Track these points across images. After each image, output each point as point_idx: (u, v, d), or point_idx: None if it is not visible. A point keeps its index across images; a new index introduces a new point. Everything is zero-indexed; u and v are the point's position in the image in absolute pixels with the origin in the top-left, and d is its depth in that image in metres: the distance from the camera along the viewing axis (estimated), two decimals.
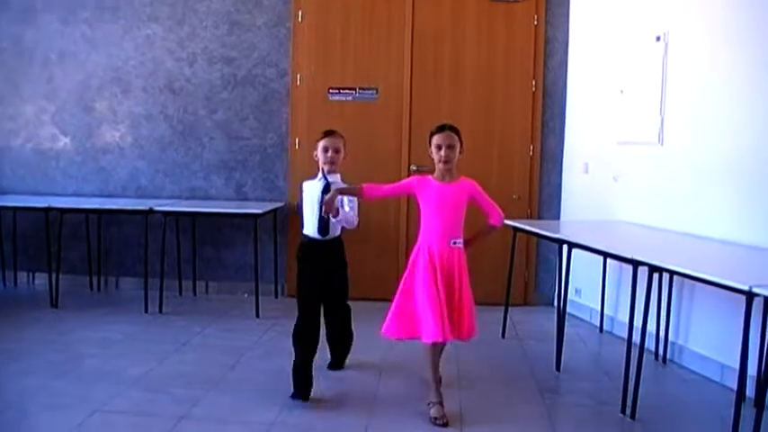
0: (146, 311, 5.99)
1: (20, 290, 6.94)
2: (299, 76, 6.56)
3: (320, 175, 4.31)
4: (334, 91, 6.52)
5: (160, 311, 6.02)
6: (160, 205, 6.20)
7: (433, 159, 4.03)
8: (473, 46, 6.46)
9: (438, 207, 3.97)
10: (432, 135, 4.04)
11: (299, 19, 6.54)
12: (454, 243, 3.97)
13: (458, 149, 4.00)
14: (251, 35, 6.63)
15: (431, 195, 3.98)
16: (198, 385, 4.29)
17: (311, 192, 4.33)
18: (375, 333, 4.15)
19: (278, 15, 6.58)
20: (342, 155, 4.34)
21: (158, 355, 4.87)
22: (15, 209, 6.56)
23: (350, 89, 6.53)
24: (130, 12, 6.74)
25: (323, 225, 4.25)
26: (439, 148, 3.98)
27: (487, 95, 6.46)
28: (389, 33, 6.49)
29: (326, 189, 4.14)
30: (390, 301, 4.04)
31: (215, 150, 6.75)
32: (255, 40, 6.63)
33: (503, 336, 5.53)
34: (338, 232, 4.37)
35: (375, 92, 6.51)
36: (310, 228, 4.31)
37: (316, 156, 4.33)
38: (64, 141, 6.91)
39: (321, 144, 4.30)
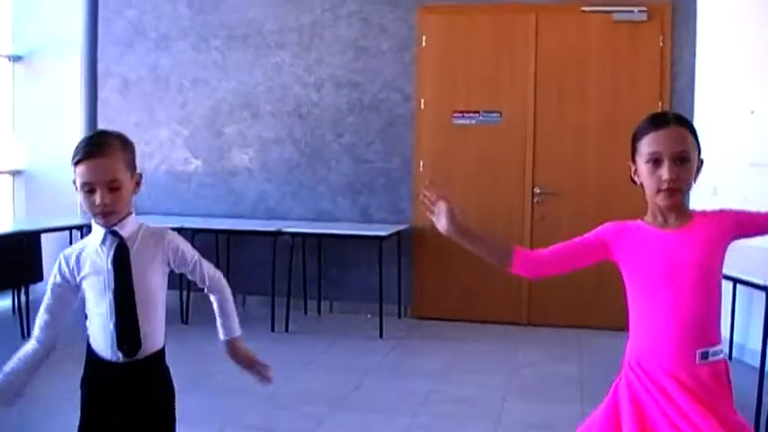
0: (272, 330, 6.16)
1: None
2: (423, 101, 6.64)
3: (98, 229, 2.25)
4: (458, 115, 6.58)
5: (286, 330, 6.19)
6: (288, 227, 6.39)
7: (644, 189, 2.13)
8: (597, 67, 6.40)
9: (667, 279, 2.05)
10: (637, 136, 2.10)
11: (423, 44, 6.64)
12: (706, 357, 2.03)
13: (695, 165, 2.07)
14: (376, 61, 6.76)
15: (650, 257, 2.08)
16: (323, 403, 4.41)
17: (93, 263, 2.23)
18: None
19: (403, 41, 6.70)
20: (128, 189, 2.21)
21: (285, 372, 4.94)
22: None
23: (474, 113, 6.58)
24: (259, 39, 6.98)
25: (126, 333, 2.25)
26: (657, 161, 2.04)
27: (612, 118, 6.33)
28: (513, 56, 6.50)
29: (120, 252, 2.24)
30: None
31: (341, 173, 6.90)
32: (381, 66, 6.76)
33: None
34: (158, 345, 2.35)
35: (499, 115, 6.53)
36: (99, 338, 2.28)
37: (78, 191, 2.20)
38: (196, 164, 7.20)
39: (78, 175, 2.15)
